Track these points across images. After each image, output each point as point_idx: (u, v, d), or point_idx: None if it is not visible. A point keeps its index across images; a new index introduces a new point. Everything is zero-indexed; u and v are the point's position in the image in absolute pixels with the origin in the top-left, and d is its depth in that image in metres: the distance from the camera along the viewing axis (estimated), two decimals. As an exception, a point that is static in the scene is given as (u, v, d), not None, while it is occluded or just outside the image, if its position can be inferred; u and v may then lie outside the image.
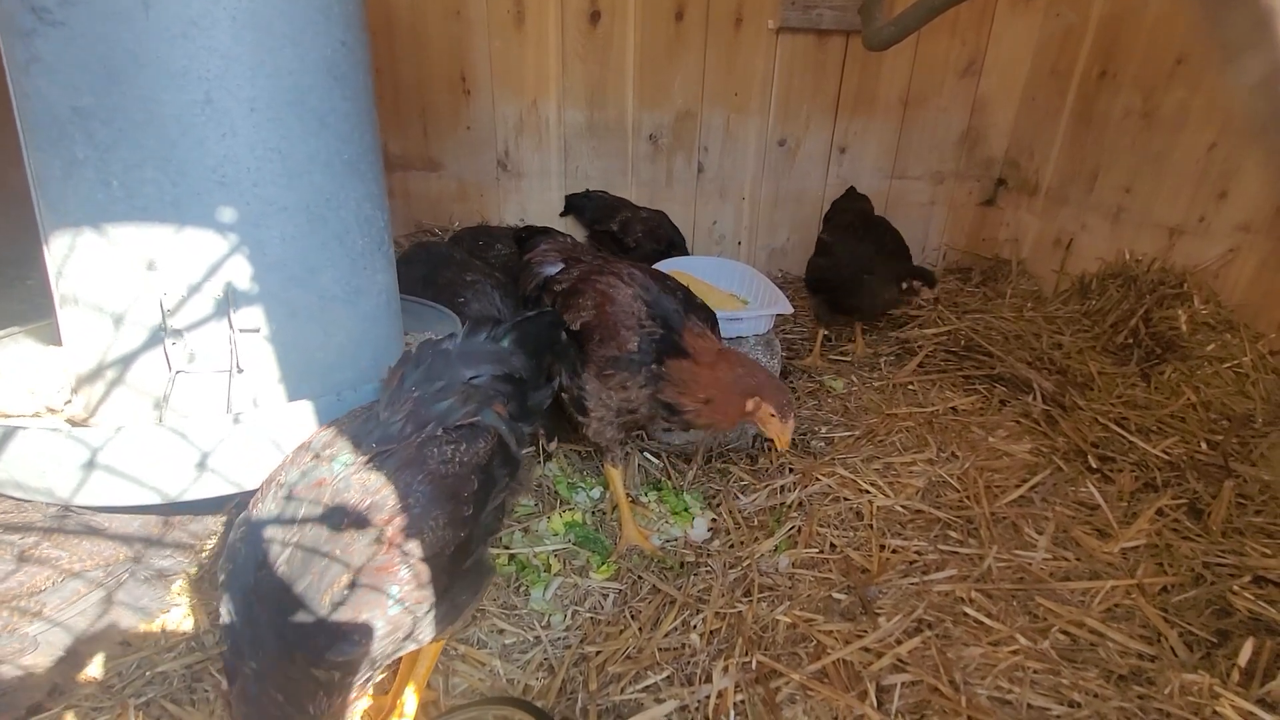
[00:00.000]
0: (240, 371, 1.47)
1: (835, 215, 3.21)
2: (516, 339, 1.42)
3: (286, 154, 1.42)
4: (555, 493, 2.07)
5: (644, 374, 1.72)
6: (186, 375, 1.45)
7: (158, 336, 1.42)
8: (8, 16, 1.26)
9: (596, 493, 2.10)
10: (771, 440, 1.72)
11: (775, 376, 1.78)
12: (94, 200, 1.33)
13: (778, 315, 2.41)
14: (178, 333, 1.41)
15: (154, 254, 1.37)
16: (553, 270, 2.00)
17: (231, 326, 1.43)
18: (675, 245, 3.26)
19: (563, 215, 3.58)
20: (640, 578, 1.78)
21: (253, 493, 1.18)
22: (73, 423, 1.57)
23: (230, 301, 1.42)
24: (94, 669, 1.45)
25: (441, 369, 1.33)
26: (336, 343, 1.60)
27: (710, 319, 1.84)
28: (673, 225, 3.34)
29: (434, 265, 2.31)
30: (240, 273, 1.42)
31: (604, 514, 2.03)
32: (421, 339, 2.07)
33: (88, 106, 1.28)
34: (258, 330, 1.46)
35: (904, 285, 2.80)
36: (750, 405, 1.67)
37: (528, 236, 2.24)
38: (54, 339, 1.84)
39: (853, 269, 2.88)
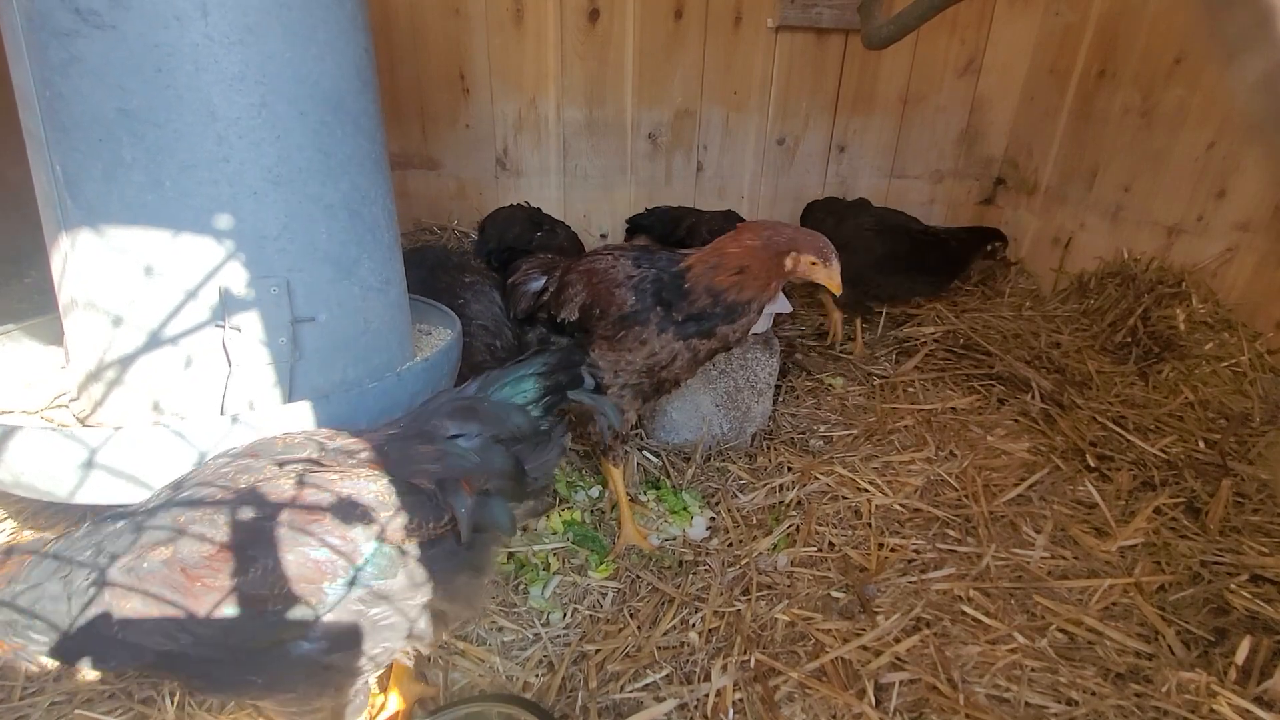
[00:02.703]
0: (300, 360, 1.51)
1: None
2: (537, 392, 1.27)
3: (330, 153, 1.48)
4: (554, 491, 2.07)
5: (657, 313, 1.71)
6: (242, 369, 1.46)
7: (190, 335, 1.43)
8: (41, 17, 1.25)
9: (595, 491, 2.10)
10: (772, 442, 1.72)
11: (800, 227, 1.73)
12: (141, 202, 1.34)
13: (776, 314, 2.41)
14: (235, 329, 1.43)
15: (209, 254, 1.39)
16: (538, 285, 2.00)
17: (292, 319, 1.48)
18: None
19: (630, 236, 3.57)
20: (638, 577, 1.78)
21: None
22: (80, 421, 1.57)
23: (290, 294, 1.46)
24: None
25: (430, 413, 1.18)
26: (373, 330, 1.66)
27: None
28: (742, 221, 3.24)
29: (431, 268, 2.30)
30: (296, 267, 1.47)
31: (603, 512, 2.03)
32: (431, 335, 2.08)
33: (137, 109, 1.28)
34: (313, 320, 1.52)
35: (989, 247, 3.09)
36: (789, 263, 1.65)
37: (509, 259, 2.25)
38: (47, 337, 1.84)
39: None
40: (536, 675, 1.49)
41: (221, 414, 1.46)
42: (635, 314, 1.72)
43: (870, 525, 1.92)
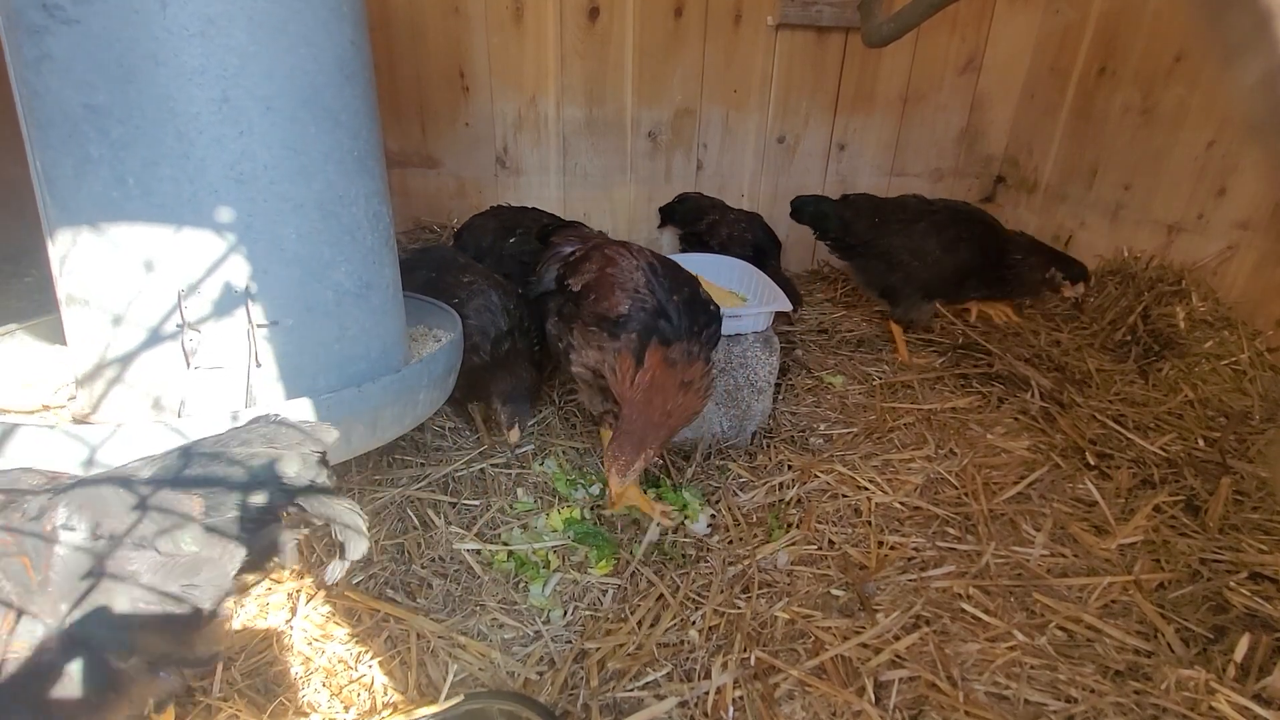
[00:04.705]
0: (259, 366, 1.48)
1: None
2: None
3: (301, 151, 1.44)
4: (554, 490, 2.08)
5: (628, 337, 1.71)
6: (203, 372, 1.45)
7: (171, 334, 1.42)
8: (15, 13, 1.26)
9: (596, 489, 2.10)
10: (772, 440, 1.72)
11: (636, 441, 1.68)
12: (108, 198, 1.33)
13: (776, 312, 2.41)
14: (195, 330, 1.42)
15: (170, 252, 1.37)
16: (569, 249, 2.05)
17: (250, 322, 1.44)
18: (764, 250, 3.09)
19: (661, 228, 3.61)
20: (638, 571, 1.78)
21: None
22: (76, 419, 1.57)
23: (250, 297, 1.43)
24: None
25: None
26: (350, 336, 1.62)
27: (706, 320, 1.81)
28: (765, 228, 3.23)
29: (437, 270, 2.30)
30: (259, 269, 1.44)
31: (603, 509, 2.03)
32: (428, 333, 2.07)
33: (102, 105, 1.28)
34: (276, 324, 1.48)
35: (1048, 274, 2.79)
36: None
37: (553, 230, 2.32)
38: (52, 336, 1.84)
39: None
40: (537, 672, 1.50)
41: (179, 416, 1.44)
42: (616, 323, 1.72)
43: (870, 523, 1.93)
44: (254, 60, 1.33)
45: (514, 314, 2.16)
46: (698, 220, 3.29)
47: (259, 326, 1.45)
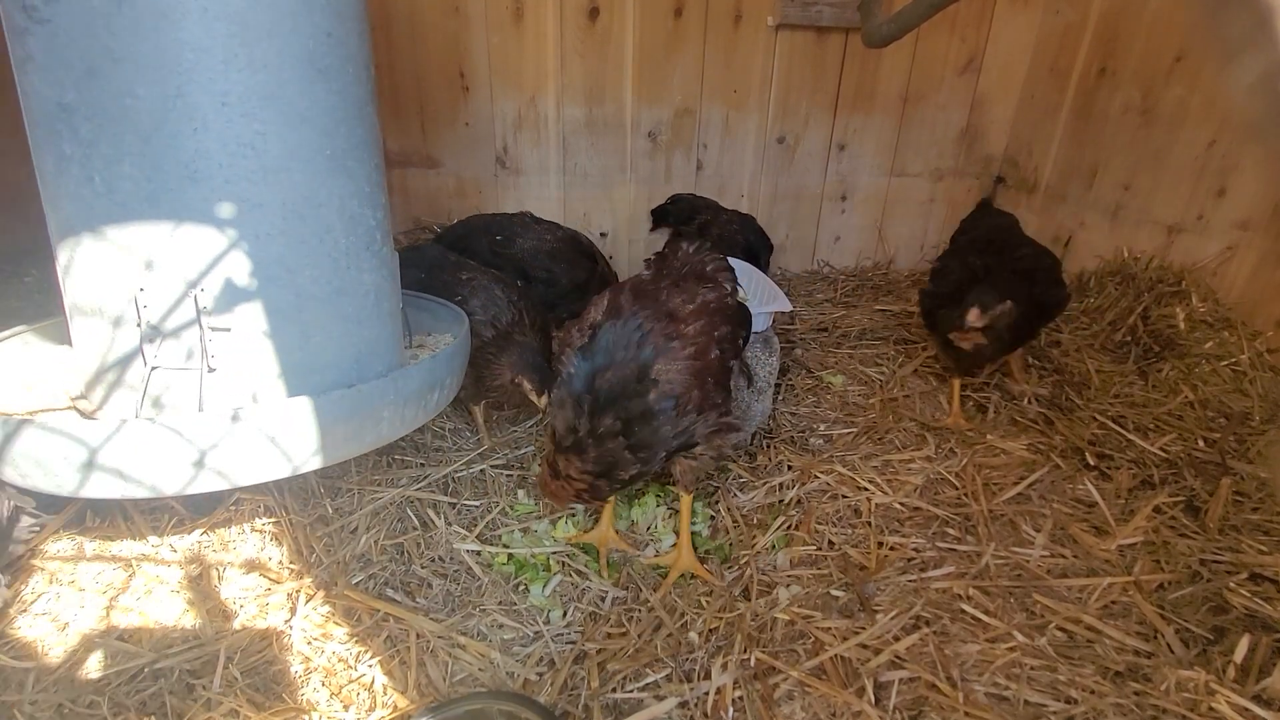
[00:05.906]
0: (212, 371, 1.45)
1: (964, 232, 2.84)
2: None
3: (261, 150, 1.39)
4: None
5: (558, 396, 1.62)
6: (161, 372, 1.45)
7: (136, 336, 1.42)
8: (7, 16, 1.29)
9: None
10: (772, 441, 1.69)
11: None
12: (80, 196, 1.34)
13: (777, 313, 2.41)
14: (154, 330, 1.41)
15: (131, 250, 1.38)
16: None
17: (201, 325, 1.41)
18: (755, 252, 3.12)
19: (653, 230, 3.61)
20: (637, 587, 1.78)
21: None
22: (83, 416, 1.57)
23: (201, 299, 1.41)
24: (92, 666, 1.45)
25: None
26: (315, 344, 1.56)
27: (642, 433, 1.56)
28: (757, 230, 3.26)
29: (429, 268, 2.29)
30: (212, 270, 1.41)
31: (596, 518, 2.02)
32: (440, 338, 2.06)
33: (72, 102, 1.29)
34: (229, 330, 1.44)
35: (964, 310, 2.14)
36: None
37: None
38: (61, 337, 1.85)
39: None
40: (536, 672, 1.50)
41: (135, 417, 1.42)
42: (556, 376, 1.66)
43: (870, 524, 1.93)
44: (207, 55, 1.30)
45: (516, 305, 2.16)
46: (690, 220, 3.31)
47: (213, 330, 1.42)
